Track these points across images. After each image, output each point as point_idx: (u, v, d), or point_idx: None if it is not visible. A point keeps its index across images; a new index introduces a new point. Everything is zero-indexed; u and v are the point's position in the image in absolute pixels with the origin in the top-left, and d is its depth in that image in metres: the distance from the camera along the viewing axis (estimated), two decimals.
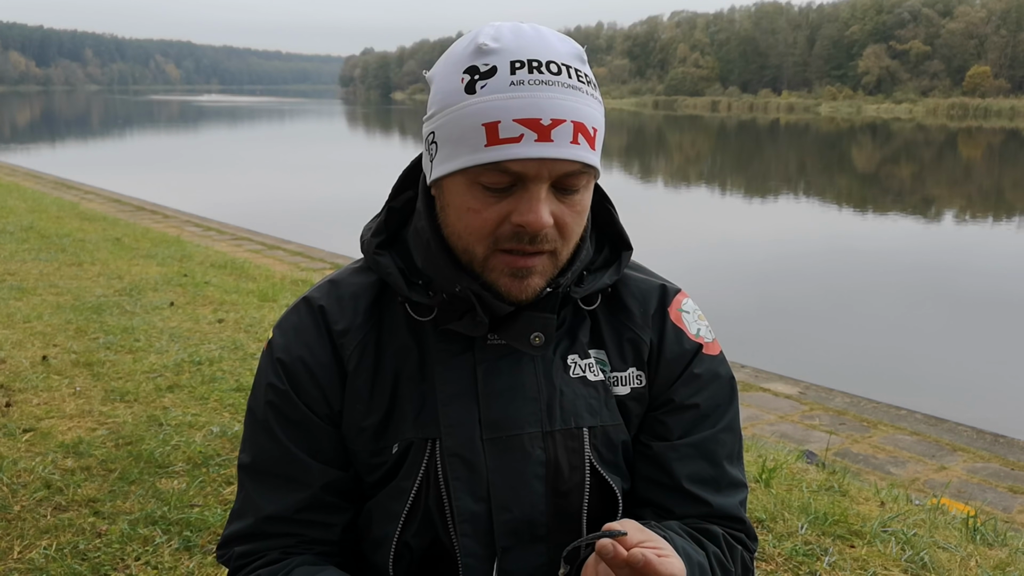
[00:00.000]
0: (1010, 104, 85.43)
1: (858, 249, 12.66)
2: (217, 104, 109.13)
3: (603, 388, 1.12)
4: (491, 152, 0.97)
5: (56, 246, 7.89)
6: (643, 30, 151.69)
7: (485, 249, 1.02)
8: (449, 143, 1.01)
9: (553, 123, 0.96)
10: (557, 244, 1.02)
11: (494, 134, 0.96)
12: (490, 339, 1.08)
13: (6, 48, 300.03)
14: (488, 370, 1.08)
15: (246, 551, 1.13)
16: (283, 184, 19.20)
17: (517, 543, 1.08)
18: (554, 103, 0.97)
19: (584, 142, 0.99)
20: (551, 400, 1.09)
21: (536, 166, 0.97)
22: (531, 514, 1.07)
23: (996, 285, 9.97)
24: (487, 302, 1.03)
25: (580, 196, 1.03)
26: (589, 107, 1.01)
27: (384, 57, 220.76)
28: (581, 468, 1.09)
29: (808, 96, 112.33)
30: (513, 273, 1.02)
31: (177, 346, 4.78)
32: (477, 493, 1.06)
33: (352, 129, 56.06)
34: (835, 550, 2.74)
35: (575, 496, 1.09)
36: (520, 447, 1.06)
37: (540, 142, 0.96)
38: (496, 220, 1.00)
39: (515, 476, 1.06)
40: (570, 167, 0.98)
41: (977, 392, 6.28)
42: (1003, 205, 20.18)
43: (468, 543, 1.07)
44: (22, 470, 3.13)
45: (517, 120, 0.96)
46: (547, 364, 1.10)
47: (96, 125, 55.72)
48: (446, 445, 1.06)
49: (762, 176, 25.81)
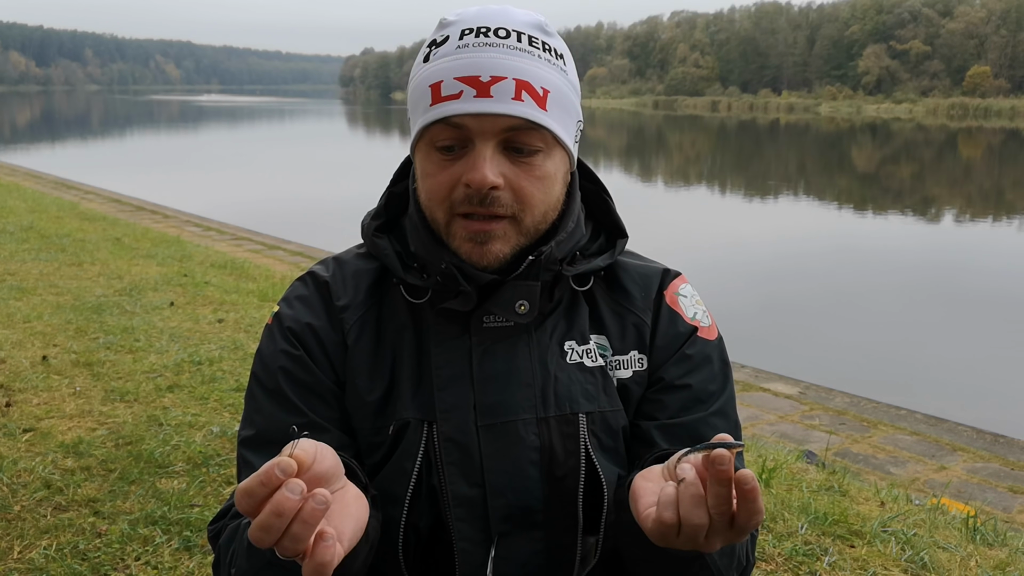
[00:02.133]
0: (1010, 104, 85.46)
1: (858, 249, 12.66)
2: (217, 104, 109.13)
3: (601, 374, 1.12)
4: (434, 110, 1.00)
5: (56, 246, 7.88)
6: (643, 30, 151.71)
7: (444, 214, 1.03)
8: (412, 113, 1.07)
9: (493, 80, 0.98)
10: (515, 209, 1.02)
11: (437, 93, 1.00)
12: (486, 321, 1.08)
13: (6, 48, 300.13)
14: (484, 354, 1.08)
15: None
16: (283, 184, 19.20)
17: (513, 529, 1.07)
18: (495, 61, 0.99)
19: (529, 99, 0.99)
20: (545, 386, 1.08)
21: (476, 122, 0.99)
22: (526, 499, 1.07)
23: (996, 285, 9.97)
24: (469, 273, 1.04)
25: (539, 161, 1.02)
26: (538, 68, 1.01)
27: (384, 57, 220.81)
28: (576, 453, 1.08)
29: (808, 96, 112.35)
30: (472, 238, 1.02)
31: (177, 346, 4.78)
32: (471, 478, 1.06)
33: (352, 129, 56.04)
34: (835, 550, 2.74)
35: (570, 481, 1.08)
36: (514, 433, 1.06)
37: (479, 97, 0.98)
38: (449, 183, 1.01)
39: (509, 462, 1.06)
40: (512, 122, 0.99)
41: (977, 392, 6.28)
42: (1003, 205, 20.17)
43: (463, 528, 1.07)
44: (22, 470, 3.13)
45: (458, 78, 0.99)
46: (543, 350, 1.10)
47: (96, 125, 55.73)
48: (442, 430, 1.06)
49: (762, 176, 25.79)
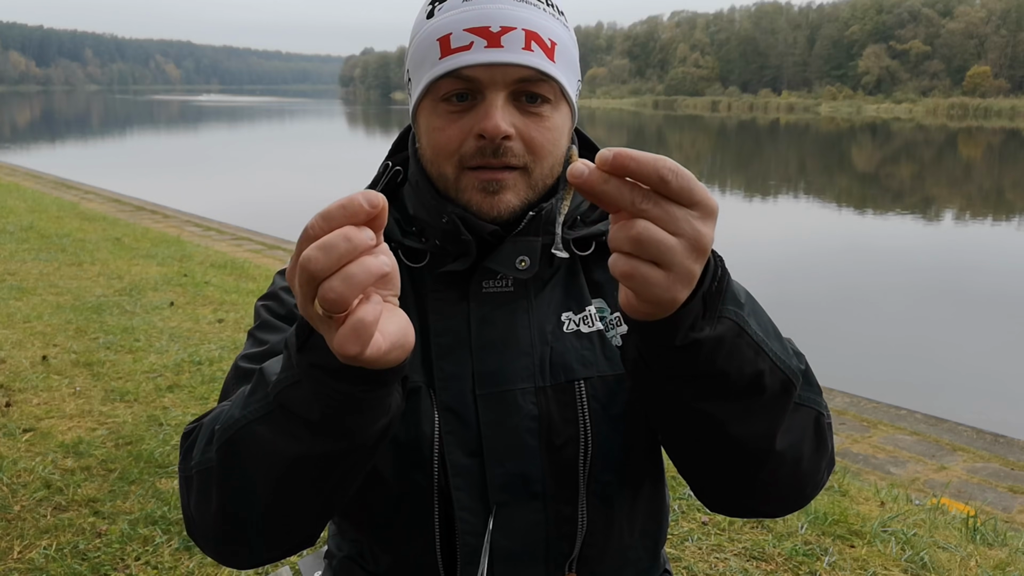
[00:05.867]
0: (1010, 104, 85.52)
1: (857, 248, 12.66)
2: (217, 104, 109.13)
3: (599, 337, 1.09)
4: (444, 63, 0.99)
5: (56, 246, 7.89)
6: (643, 30, 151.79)
7: (454, 168, 1.02)
8: (416, 69, 1.05)
9: (503, 30, 0.98)
10: (527, 160, 1.01)
11: (447, 45, 0.99)
12: (485, 287, 1.07)
13: (6, 48, 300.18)
14: (482, 321, 1.07)
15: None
16: (283, 184, 19.20)
17: (512, 499, 1.06)
18: (504, 12, 0.98)
19: (539, 50, 0.99)
20: (543, 355, 1.07)
21: (488, 72, 0.98)
22: (525, 468, 1.05)
23: (996, 284, 9.97)
24: (471, 224, 1.02)
25: (548, 112, 1.01)
26: (545, 19, 1.01)
27: (384, 57, 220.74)
28: (575, 422, 1.06)
29: (808, 96, 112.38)
30: (484, 188, 1.01)
31: (177, 346, 4.78)
32: (468, 447, 1.05)
33: (352, 129, 56.05)
34: (835, 550, 2.74)
35: (570, 450, 1.06)
36: (512, 402, 1.05)
37: (490, 48, 0.97)
38: (460, 136, 1.00)
39: (507, 431, 1.05)
40: (523, 72, 0.98)
41: (977, 392, 6.28)
42: (1003, 204, 20.18)
43: (463, 497, 1.05)
44: (22, 470, 3.14)
45: (467, 29, 0.98)
46: (541, 319, 1.08)
47: (96, 125, 55.73)
48: (440, 399, 1.05)
49: (762, 176, 25.80)
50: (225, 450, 0.88)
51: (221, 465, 0.89)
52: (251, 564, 1.00)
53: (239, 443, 0.87)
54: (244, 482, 0.88)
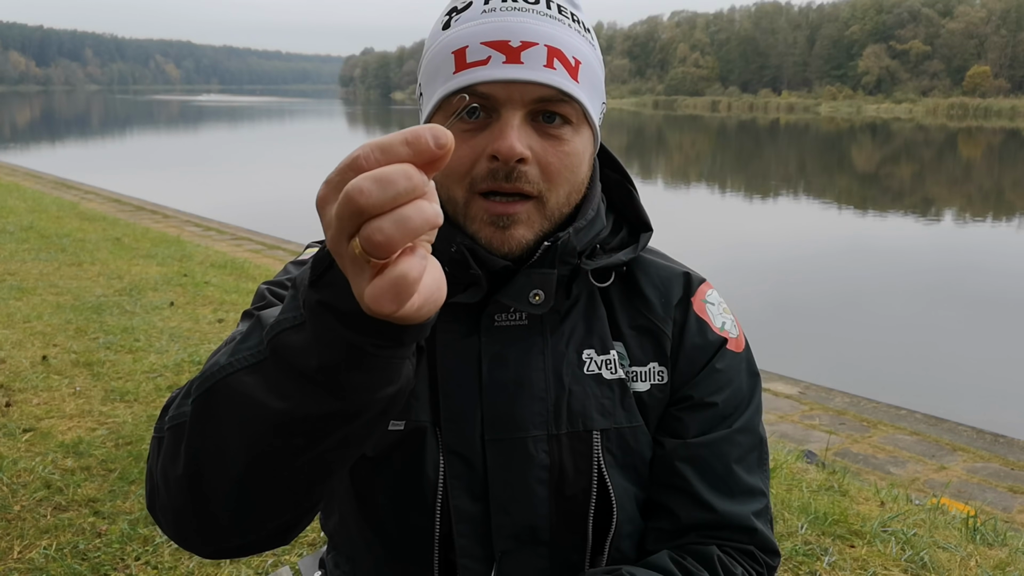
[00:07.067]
0: (1010, 104, 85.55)
1: (857, 249, 12.66)
2: (217, 104, 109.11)
3: (620, 387, 1.04)
4: (459, 78, 0.92)
5: (56, 246, 7.88)
6: (643, 30, 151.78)
7: (464, 192, 0.94)
8: (428, 84, 0.98)
9: (523, 45, 0.91)
10: (541, 187, 0.94)
11: (462, 59, 0.92)
12: (497, 320, 1.01)
13: (6, 48, 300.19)
14: (494, 359, 1.01)
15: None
16: (284, 184, 19.18)
17: (517, 546, 1.02)
18: (525, 26, 0.92)
19: (561, 68, 0.92)
20: (559, 400, 1.01)
21: (505, 89, 0.91)
22: (532, 519, 1.01)
23: (996, 284, 9.97)
24: (481, 257, 0.95)
25: (568, 135, 0.94)
26: (570, 36, 0.94)
27: (384, 57, 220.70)
28: (588, 472, 1.01)
29: (808, 96, 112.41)
30: (494, 222, 0.94)
31: (177, 346, 4.78)
32: (475, 493, 1.01)
33: (352, 129, 56.04)
34: (835, 550, 2.74)
35: (580, 500, 1.02)
36: (523, 450, 1.00)
37: (509, 63, 0.90)
38: (472, 157, 0.93)
39: (516, 479, 1.00)
40: (543, 91, 0.91)
41: (977, 392, 6.28)
42: (1003, 205, 20.17)
43: (466, 544, 1.01)
44: (22, 470, 3.14)
45: (485, 43, 0.91)
46: (558, 358, 1.02)
47: (96, 125, 55.73)
48: (446, 440, 1.00)
49: (762, 176, 25.80)
50: (203, 401, 0.78)
51: (195, 418, 0.78)
52: (212, 548, 0.87)
53: (219, 393, 0.76)
54: (218, 441, 0.77)
